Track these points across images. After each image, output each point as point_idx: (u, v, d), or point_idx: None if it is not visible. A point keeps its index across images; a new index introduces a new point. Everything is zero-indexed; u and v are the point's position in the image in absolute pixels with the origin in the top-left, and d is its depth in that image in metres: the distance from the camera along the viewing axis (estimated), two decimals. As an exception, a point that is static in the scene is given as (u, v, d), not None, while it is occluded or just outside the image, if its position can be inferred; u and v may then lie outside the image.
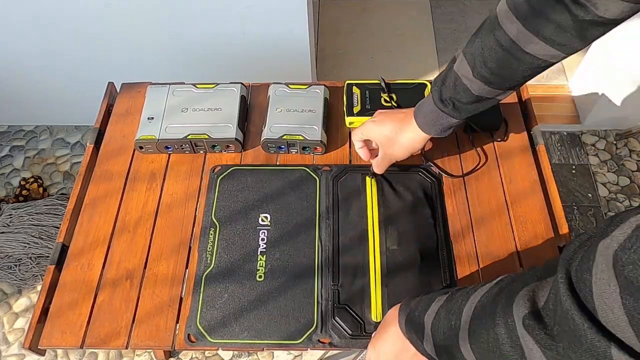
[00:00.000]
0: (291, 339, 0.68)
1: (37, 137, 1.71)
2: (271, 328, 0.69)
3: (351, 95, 0.88)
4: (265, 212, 0.78)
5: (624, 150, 1.64)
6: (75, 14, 1.29)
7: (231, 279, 0.72)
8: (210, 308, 0.70)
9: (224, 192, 0.80)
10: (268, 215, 0.77)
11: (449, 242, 0.75)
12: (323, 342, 0.68)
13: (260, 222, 0.77)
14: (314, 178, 0.81)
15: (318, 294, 0.71)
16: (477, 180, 0.81)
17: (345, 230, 0.76)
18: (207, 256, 0.74)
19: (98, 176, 0.83)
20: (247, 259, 0.74)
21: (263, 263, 0.73)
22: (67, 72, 1.48)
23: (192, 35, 1.35)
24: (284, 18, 1.29)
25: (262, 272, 0.73)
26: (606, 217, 1.51)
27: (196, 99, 0.86)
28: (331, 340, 0.68)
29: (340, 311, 0.69)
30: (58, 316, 0.71)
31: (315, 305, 0.70)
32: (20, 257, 1.41)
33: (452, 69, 0.68)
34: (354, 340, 0.67)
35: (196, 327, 0.69)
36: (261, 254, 0.74)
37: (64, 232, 0.77)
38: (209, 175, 0.82)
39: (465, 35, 1.94)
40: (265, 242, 0.75)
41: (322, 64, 1.86)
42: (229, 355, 1.34)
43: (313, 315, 0.69)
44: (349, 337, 0.68)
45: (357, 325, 0.68)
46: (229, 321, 0.69)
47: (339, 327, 0.68)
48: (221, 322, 0.69)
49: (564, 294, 0.34)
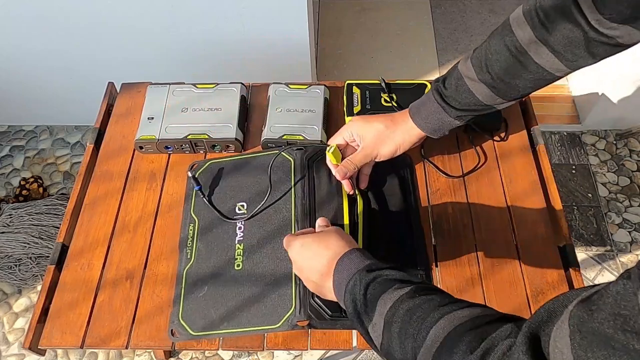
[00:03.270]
0: (270, 324, 0.68)
1: (37, 137, 1.71)
2: (250, 315, 0.69)
3: (351, 95, 0.88)
4: (242, 201, 0.78)
5: (624, 150, 1.64)
6: (76, 14, 1.29)
7: (211, 271, 0.72)
8: (192, 302, 0.70)
9: (202, 187, 0.80)
10: (244, 204, 0.77)
11: (419, 226, 0.75)
12: (302, 325, 0.67)
13: (237, 212, 0.77)
14: (289, 159, 0.80)
15: (296, 276, 0.70)
16: (477, 180, 0.81)
17: (321, 209, 0.74)
18: (188, 251, 0.74)
19: (98, 176, 0.83)
20: (226, 249, 0.74)
21: (241, 252, 0.74)
22: (67, 72, 1.48)
23: (192, 35, 1.35)
24: (284, 18, 1.29)
25: (241, 261, 0.73)
26: (606, 217, 1.52)
27: (196, 99, 0.86)
28: (310, 322, 0.66)
29: None
30: (58, 316, 0.71)
31: (293, 287, 0.69)
32: (20, 257, 1.41)
33: (457, 68, 0.68)
34: (334, 321, 0.66)
35: (179, 322, 0.69)
36: (239, 242, 0.74)
37: (64, 232, 0.77)
38: (188, 172, 0.82)
39: (465, 35, 1.94)
40: (242, 230, 0.75)
41: (322, 64, 1.86)
42: (229, 355, 1.34)
43: (292, 297, 0.69)
44: (329, 318, 0.66)
45: (336, 305, 0.64)
46: (209, 313, 0.69)
47: (317, 308, 0.67)
48: (202, 315, 0.69)
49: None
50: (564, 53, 0.59)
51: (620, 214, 1.53)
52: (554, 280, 0.72)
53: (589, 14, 0.55)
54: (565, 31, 0.58)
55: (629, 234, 1.49)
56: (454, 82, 0.68)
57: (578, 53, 0.59)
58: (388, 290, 0.50)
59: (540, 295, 0.70)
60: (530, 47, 0.61)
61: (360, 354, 1.32)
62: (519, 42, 0.61)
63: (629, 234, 1.49)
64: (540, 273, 0.72)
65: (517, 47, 0.62)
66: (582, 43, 0.58)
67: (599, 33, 0.56)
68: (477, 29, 1.97)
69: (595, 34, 0.56)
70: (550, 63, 0.61)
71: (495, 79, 0.64)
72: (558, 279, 0.72)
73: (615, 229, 1.50)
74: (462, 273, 0.73)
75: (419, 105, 0.72)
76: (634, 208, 1.54)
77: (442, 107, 0.69)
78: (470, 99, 0.67)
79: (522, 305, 0.70)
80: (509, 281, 0.72)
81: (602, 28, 0.56)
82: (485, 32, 1.95)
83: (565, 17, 0.57)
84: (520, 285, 0.71)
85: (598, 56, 0.59)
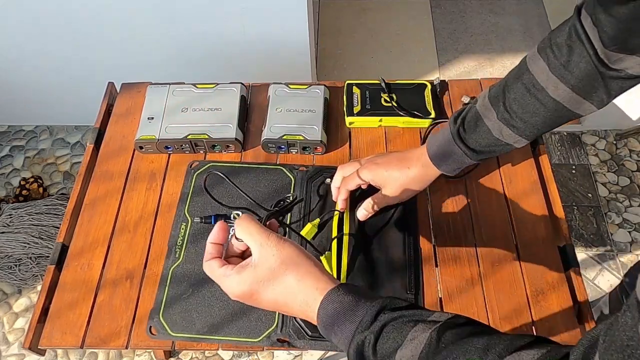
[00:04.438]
0: (250, 337, 0.68)
1: (37, 137, 1.71)
2: (232, 325, 0.69)
3: (351, 95, 0.88)
4: (237, 209, 0.78)
5: (624, 150, 1.64)
6: (76, 14, 1.29)
7: (197, 275, 0.72)
8: (175, 302, 0.70)
9: (199, 188, 0.80)
10: (240, 213, 0.77)
11: (417, 248, 0.74)
12: (281, 342, 0.67)
13: (232, 219, 0.77)
14: (290, 177, 0.81)
15: None
16: (477, 180, 0.81)
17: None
18: (177, 250, 0.74)
19: (98, 176, 0.83)
20: None
21: None
22: (67, 72, 1.48)
23: (192, 35, 1.35)
24: (284, 18, 1.29)
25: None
26: (606, 217, 1.52)
27: (196, 99, 0.86)
28: (289, 340, 0.67)
29: None
30: (58, 316, 0.71)
31: None
32: (20, 257, 1.41)
33: (475, 108, 0.67)
34: (313, 342, 0.67)
35: (159, 320, 0.69)
36: None
37: (64, 232, 0.77)
38: (186, 170, 0.82)
39: (465, 35, 1.94)
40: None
41: (322, 64, 1.86)
42: (229, 355, 1.34)
43: (275, 314, 0.69)
44: (309, 337, 0.67)
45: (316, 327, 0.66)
46: (191, 316, 0.69)
47: (298, 327, 0.67)
48: (183, 317, 0.69)
49: None
50: (581, 87, 0.60)
51: (620, 214, 1.53)
52: (554, 280, 0.72)
53: (597, 47, 0.56)
54: (580, 66, 0.58)
55: (629, 234, 1.49)
56: (473, 121, 0.67)
57: (594, 88, 0.59)
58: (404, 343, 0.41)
59: (540, 295, 0.70)
60: (549, 85, 0.61)
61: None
62: (536, 79, 0.62)
63: (629, 234, 1.49)
64: (540, 273, 0.72)
65: (535, 85, 0.62)
66: (596, 77, 0.58)
67: (608, 68, 0.56)
68: (477, 29, 1.97)
69: (604, 69, 0.57)
70: (568, 99, 0.61)
71: (515, 118, 0.64)
72: (558, 279, 0.72)
73: (615, 229, 1.50)
74: (462, 273, 0.73)
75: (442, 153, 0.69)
76: (634, 208, 1.54)
77: (465, 154, 0.67)
78: (490, 140, 0.67)
79: (522, 305, 0.70)
80: (509, 281, 0.72)
81: (610, 61, 0.56)
82: (485, 32, 1.96)
83: (576, 52, 0.58)
84: (520, 285, 0.71)
85: (613, 91, 0.59)
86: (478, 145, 0.67)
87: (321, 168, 0.81)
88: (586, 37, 0.56)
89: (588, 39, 0.56)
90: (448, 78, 0.93)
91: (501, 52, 1.89)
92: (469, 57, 1.89)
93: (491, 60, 1.87)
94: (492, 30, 1.96)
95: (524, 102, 0.63)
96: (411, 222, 0.76)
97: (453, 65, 1.87)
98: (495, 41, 1.93)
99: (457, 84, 0.92)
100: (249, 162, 0.84)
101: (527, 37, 1.92)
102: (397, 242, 0.74)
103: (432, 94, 0.88)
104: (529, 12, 2.00)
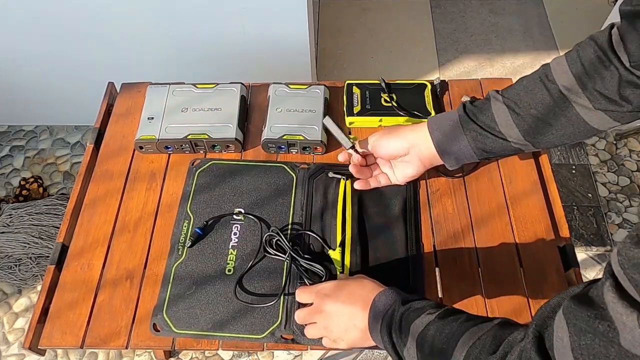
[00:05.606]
0: (254, 334, 0.68)
1: (37, 137, 1.71)
2: (236, 322, 0.69)
3: (351, 95, 0.88)
4: (240, 207, 0.78)
5: (624, 150, 1.64)
6: (76, 14, 1.29)
7: (200, 272, 0.73)
8: (178, 299, 0.71)
9: (201, 185, 0.80)
10: (242, 210, 0.78)
11: (419, 246, 0.75)
12: (285, 339, 0.68)
13: (234, 217, 0.77)
14: (291, 175, 0.81)
15: (285, 291, 0.71)
16: (477, 180, 0.81)
17: (316, 230, 0.76)
18: (179, 247, 0.75)
19: (98, 176, 0.83)
20: (218, 252, 0.74)
21: (233, 257, 0.74)
22: (67, 72, 1.48)
23: (192, 35, 1.35)
24: (284, 18, 1.29)
25: (232, 266, 0.73)
26: (606, 217, 1.52)
27: (196, 99, 0.86)
28: (294, 337, 0.68)
29: None
30: (58, 316, 0.71)
31: (281, 301, 0.70)
32: (20, 257, 1.41)
33: (490, 108, 0.68)
34: (317, 339, 0.67)
35: (162, 317, 0.69)
36: (232, 248, 0.75)
37: (64, 232, 0.77)
38: (188, 168, 0.82)
39: (465, 35, 1.94)
40: (237, 236, 0.76)
41: (322, 64, 1.86)
42: (229, 355, 1.34)
43: (279, 311, 0.69)
44: None
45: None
46: (195, 313, 0.70)
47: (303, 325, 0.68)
48: (187, 313, 0.70)
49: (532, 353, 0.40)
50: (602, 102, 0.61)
51: (620, 214, 1.53)
52: (554, 280, 0.72)
53: (625, 61, 0.58)
54: (605, 79, 0.60)
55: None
56: (481, 103, 0.69)
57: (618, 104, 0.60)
58: (420, 316, 0.55)
59: (540, 295, 0.70)
60: (571, 95, 0.63)
61: (360, 354, 1.32)
62: (559, 87, 0.63)
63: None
64: (541, 273, 0.72)
65: (559, 93, 0.63)
66: (616, 88, 0.60)
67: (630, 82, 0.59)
68: (477, 29, 1.97)
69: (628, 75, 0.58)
70: (590, 115, 0.63)
71: (532, 121, 0.66)
72: (558, 279, 0.72)
73: (615, 229, 1.50)
74: (462, 273, 0.73)
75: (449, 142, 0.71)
76: (634, 208, 1.54)
77: (474, 151, 0.70)
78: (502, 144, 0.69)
79: (522, 305, 0.70)
80: (509, 281, 0.72)
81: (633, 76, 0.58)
82: (485, 32, 1.96)
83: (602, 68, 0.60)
84: (520, 285, 0.71)
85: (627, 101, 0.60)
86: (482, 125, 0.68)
87: (322, 165, 0.82)
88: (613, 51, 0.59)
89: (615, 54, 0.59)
90: (448, 78, 0.93)
91: (501, 52, 1.89)
92: (469, 57, 1.89)
93: (491, 60, 1.87)
94: (492, 30, 1.96)
95: (545, 106, 0.64)
96: (413, 218, 0.77)
97: (453, 65, 1.87)
98: (495, 41, 1.93)
99: (457, 84, 0.92)
100: (250, 160, 0.84)
101: (527, 37, 1.92)
102: (400, 241, 0.75)
103: (432, 94, 0.88)
104: (529, 12, 2.00)
